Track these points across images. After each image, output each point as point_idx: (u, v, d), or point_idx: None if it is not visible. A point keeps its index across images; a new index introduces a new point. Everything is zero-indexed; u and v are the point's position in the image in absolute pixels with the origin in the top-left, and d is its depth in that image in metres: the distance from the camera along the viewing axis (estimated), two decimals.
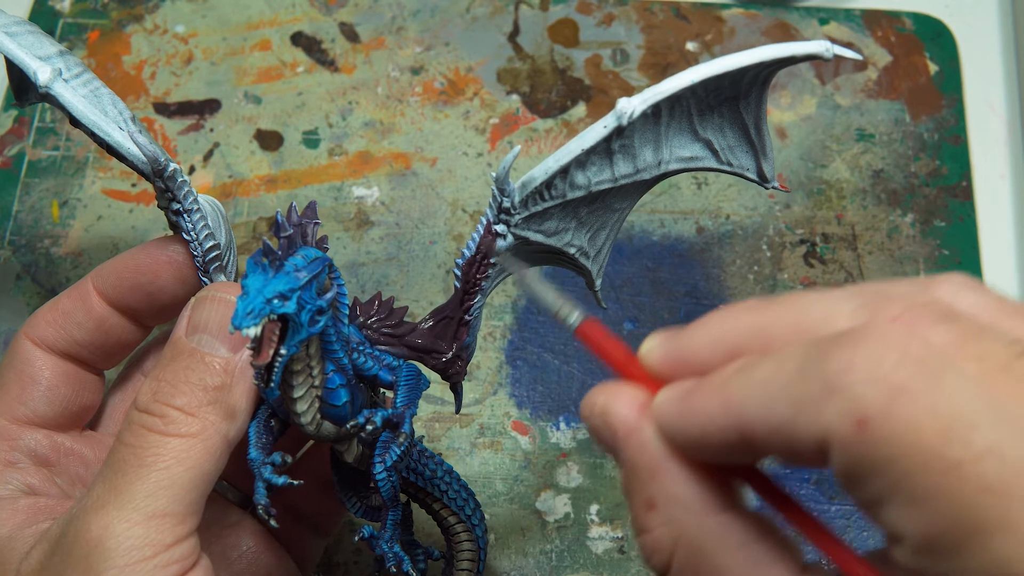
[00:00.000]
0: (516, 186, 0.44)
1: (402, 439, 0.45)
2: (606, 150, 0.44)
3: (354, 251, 0.71)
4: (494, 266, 0.46)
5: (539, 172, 0.44)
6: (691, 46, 0.78)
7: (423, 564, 0.52)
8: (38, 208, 0.72)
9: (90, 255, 0.71)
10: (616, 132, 0.43)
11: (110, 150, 0.45)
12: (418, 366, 0.48)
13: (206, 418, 0.42)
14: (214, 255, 0.47)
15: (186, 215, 0.46)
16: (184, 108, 0.76)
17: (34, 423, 0.47)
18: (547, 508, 0.64)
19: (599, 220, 0.47)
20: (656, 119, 0.44)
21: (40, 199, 0.73)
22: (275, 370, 0.40)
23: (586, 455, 0.65)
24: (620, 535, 0.63)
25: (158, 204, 0.46)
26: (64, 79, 0.45)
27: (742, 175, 0.48)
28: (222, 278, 0.48)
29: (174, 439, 0.41)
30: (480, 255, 0.46)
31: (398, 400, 0.46)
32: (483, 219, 0.46)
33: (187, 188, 0.45)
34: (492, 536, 0.62)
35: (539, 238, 0.46)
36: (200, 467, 0.41)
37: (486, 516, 0.60)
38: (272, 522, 0.44)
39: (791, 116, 0.76)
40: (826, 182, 0.73)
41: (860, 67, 0.78)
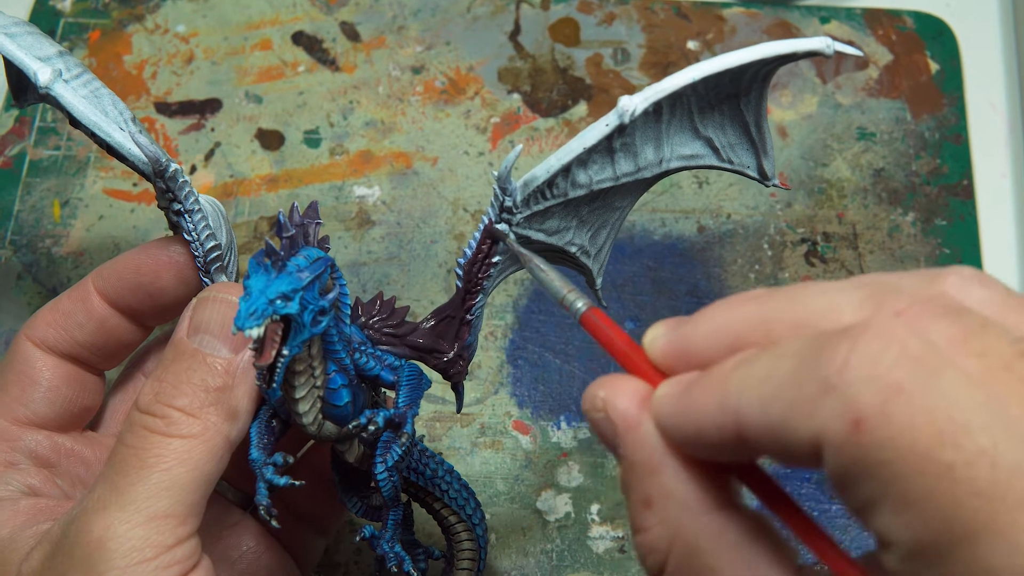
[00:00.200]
0: (518, 185, 0.44)
1: (404, 439, 0.45)
2: (607, 148, 0.44)
3: (355, 250, 0.71)
4: (496, 265, 0.46)
5: (541, 171, 0.44)
6: (692, 45, 0.78)
7: (423, 564, 0.52)
8: (39, 208, 0.72)
9: (91, 255, 0.71)
10: (618, 130, 0.43)
11: (110, 151, 0.45)
12: (420, 366, 0.48)
13: (208, 419, 0.42)
14: (215, 255, 0.47)
15: (187, 215, 0.46)
16: (185, 108, 0.76)
17: (35, 424, 0.47)
18: (548, 507, 0.64)
19: (600, 218, 0.47)
20: (657, 117, 0.44)
21: (41, 199, 0.73)
22: (277, 371, 0.40)
23: (587, 454, 0.65)
24: (621, 535, 0.63)
25: (159, 204, 0.46)
26: (64, 80, 0.45)
27: (743, 173, 0.47)
28: (223, 278, 0.47)
29: (176, 440, 0.41)
30: (482, 254, 0.46)
31: (400, 400, 0.46)
32: (484, 218, 0.46)
33: (188, 188, 0.45)
34: (493, 536, 0.62)
35: (540, 237, 0.46)
36: (201, 468, 0.41)
37: (487, 515, 0.60)
38: (274, 523, 0.44)
39: (792, 115, 0.76)
40: (827, 181, 0.73)
41: (861, 66, 0.78)
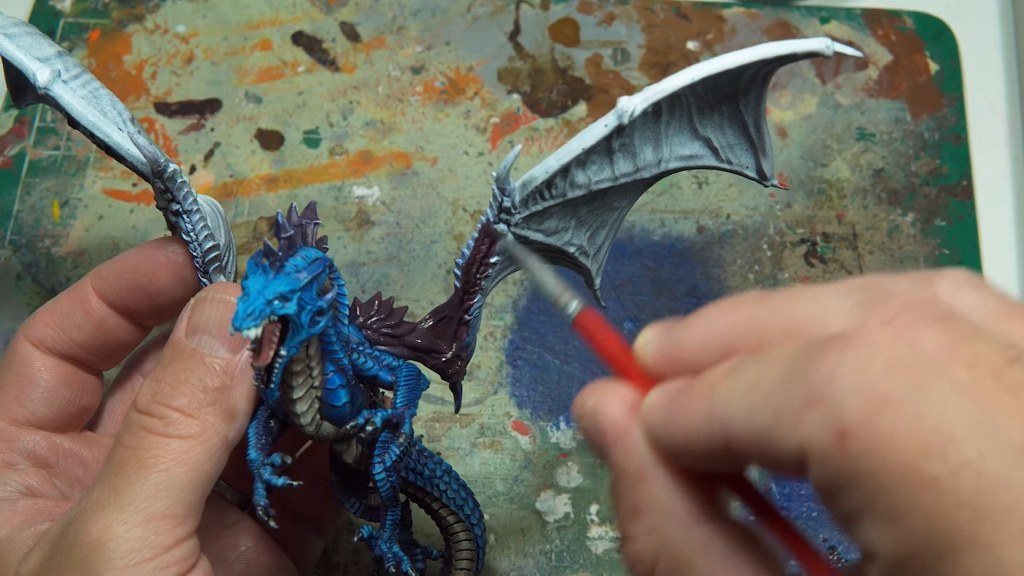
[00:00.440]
0: (517, 185, 0.44)
1: (402, 439, 0.45)
2: (606, 149, 0.44)
3: (354, 251, 0.71)
4: (494, 265, 0.46)
5: (539, 171, 0.44)
6: (692, 45, 0.78)
7: (422, 564, 0.52)
8: (39, 208, 0.72)
9: (91, 255, 0.71)
10: (616, 131, 0.43)
11: (109, 151, 0.45)
12: (418, 366, 0.47)
13: (206, 419, 0.42)
14: (213, 256, 0.47)
15: (185, 216, 0.46)
16: (185, 108, 0.76)
17: (33, 424, 0.47)
18: (547, 508, 0.63)
19: (599, 219, 0.47)
20: (656, 117, 0.44)
21: (41, 199, 0.73)
22: (275, 371, 0.40)
23: (586, 455, 0.65)
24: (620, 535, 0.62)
25: (157, 205, 0.46)
26: (63, 80, 0.45)
27: (741, 173, 0.47)
28: (221, 279, 0.47)
29: (174, 440, 0.41)
30: (480, 254, 0.46)
31: (398, 400, 0.46)
32: (483, 218, 0.46)
33: (187, 189, 0.45)
34: (492, 536, 0.62)
35: (539, 237, 0.46)
36: (200, 468, 0.41)
37: (486, 516, 0.60)
38: (272, 523, 0.44)
39: (791, 115, 0.76)
40: (827, 181, 0.73)
41: (861, 66, 0.78)
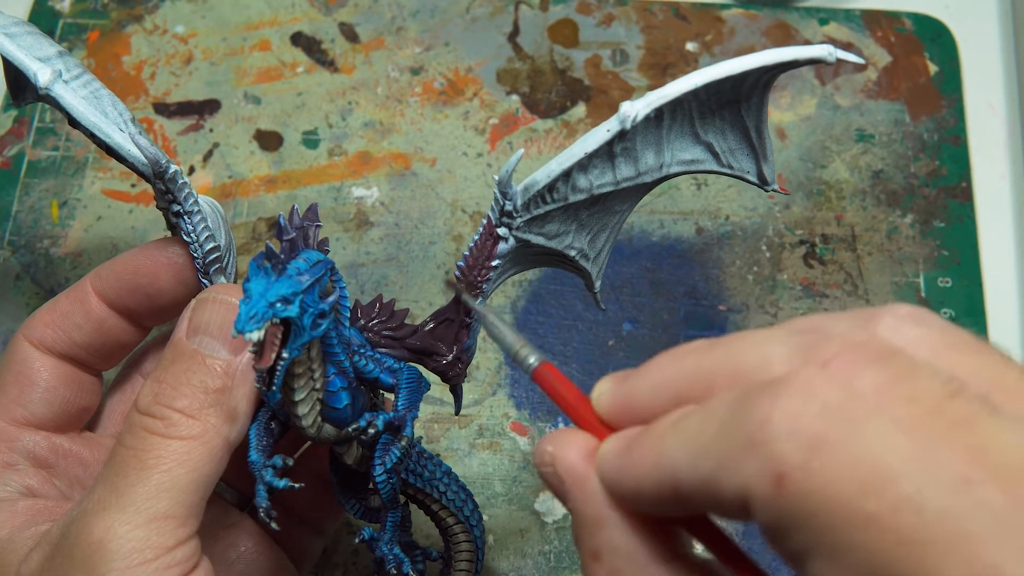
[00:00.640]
0: (519, 189, 0.44)
1: (403, 442, 0.45)
2: (608, 153, 0.44)
3: (353, 252, 0.71)
4: (495, 268, 0.46)
5: (541, 175, 0.44)
6: (691, 46, 0.78)
7: (422, 565, 0.52)
8: (38, 208, 0.72)
9: (90, 255, 0.71)
10: (619, 135, 0.43)
11: (110, 151, 0.45)
12: (419, 368, 0.48)
13: (207, 420, 0.42)
14: (214, 257, 0.47)
15: (186, 217, 0.46)
16: (184, 108, 0.76)
17: (32, 425, 0.47)
18: (546, 509, 0.64)
19: (599, 222, 0.47)
20: (658, 122, 0.44)
21: (40, 199, 0.73)
22: (277, 373, 0.40)
23: None
24: None
25: (157, 205, 0.46)
26: (64, 80, 0.45)
27: (742, 178, 0.47)
28: (222, 280, 0.47)
29: (175, 441, 0.41)
30: (482, 257, 0.46)
31: (399, 403, 0.46)
32: (484, 221, 0.46)
33: (188, 190, 0.45)
34: (491, 537, 0.62)
35: (540, 241, 0.46)
36: (201, 469, 0.41)
37: (485, 517, 0.60)
38: (273, 525, 0.44)
39: (791, 116, 0.76)
40: (826, 183, 0.73)
41: (860, 67, 0.78)
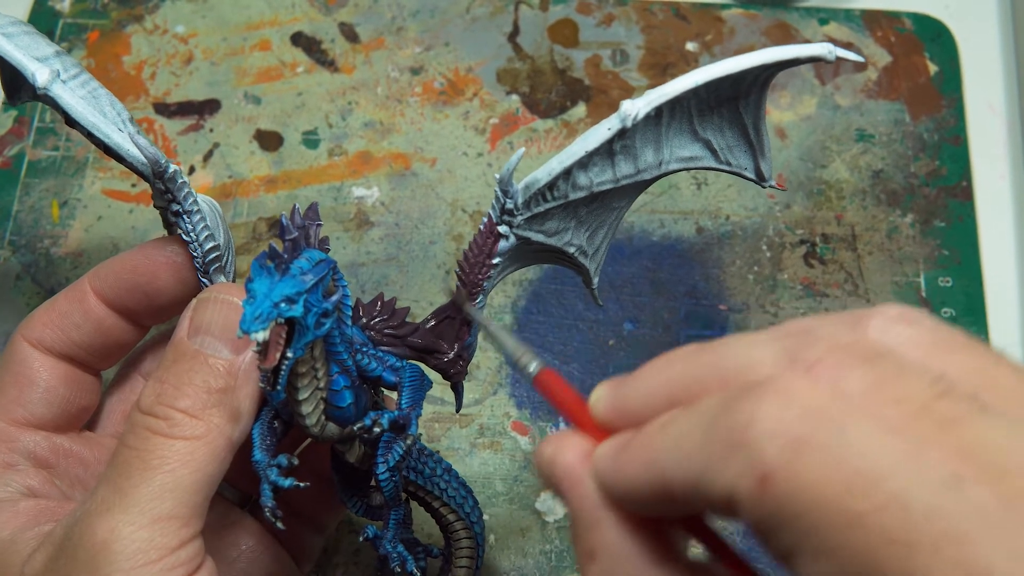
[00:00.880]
0: (520, 187, 0.44)
1: (409, 441, 0.45)
2: (608, 151, 0.44)
3: (354, 251, 0.71)
4: (496, 266, 0.46)
5: (542, 174, 0.44)
6: (691, 46, 0.78)
7: (423, 562, 0.52)
8: (38, 208, 0.72)
9: (90, 255, 0.71)
10: (619, 134, 0.43)
11: (108, 151, 0.45)
12: (421, 367, 0.48)
13: (210, 420, 0.42)
14: (214, 256, 0.47)
15: (186, 216, 0.46)
16: (184, 108, 0.76)
17: (32, 425, 0.47)
18: (547, 508, 0.64)
19: (598, 219, 0.47)
20: (657, 120, 0.44)
21: (40, 199, 0.73)
22: (282, 373, 0.40)
23: None
24: None
25: (155, 204, 0.46)
26: (62, 80, 0.45)
27: (740, 174, 0.48)
28: (222, 279, 0.47)
29: (179, 442, 0.41)
30: (483, 255, 0.46)
31: (403, 402, 0.46)
32: (484, 219, 0.46)
33: (187, 190, 0.45)
34: (492, 536, 0.62)
35: (540, 238, 0.46)
36: (204, 469, 0.41)
37: (486, 516, 0.60)
38: (279, 524, 0.44)
39: (791, 116, 0.76)
40: (826, 182, 0.73)
41: (860, 67, 0.78)
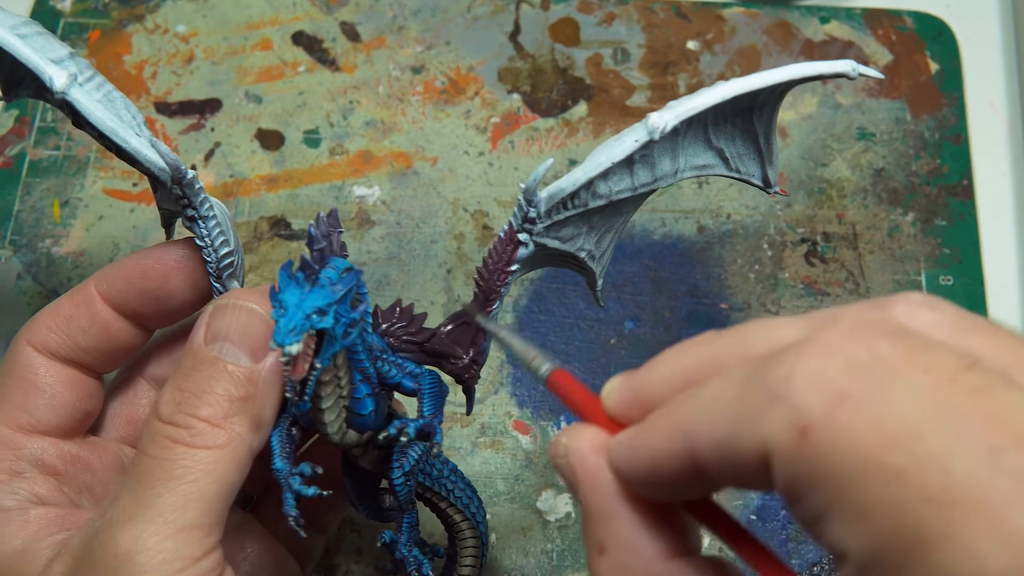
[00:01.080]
0: (543, 196, 0.44)
1: (436, 449, 0.45)
2: (627, 160, 0.44)
3: (355, 251, 0.71)
4: (514, 273, 0.46)
5: (567, 183, 0.44)
6: (692, 45, 0.78)
7: (432, 563, 0.53)
8: (39, 208, 0.72)
9: (91, 255, 0.71)
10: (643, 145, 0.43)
11: (121, 154, 0.44)
12: (437, 372, 0.48)
13: (232, 429, 0.41)
14: (228, 262, 0.46)
15: (201, 222, 0.45)
16: (185, 107, 0.76)
17: (38, 431, 0.47)
18: (548, 507, 0.64)
19: (607, 223, 0.48)
20: (675, 130, 0.44)
21: (41, 199, 0.72)
22: (309, 383, 0.40)
23: None
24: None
25: (159, 205, 0.46)
26: (79, 83, 0.44)
27: (748, 181, 0.48)
28: (235, 284, 0.47)
29: (201, 451, 0.41)
30: (502, 262, 0.46)
31: (425, 409, 0.46)
32: (505, 227, 0.46)
33: (204, 195, 0.45)
34: (493, 535, 0.62)
35: (556, 244, 0.46)
36: (227, 479, 0.41)
37: (487, 515, 0.60)
38: (301, 533, 0.43)
39: (792, 115, 0.76)
40: (827, 181, 0.74)
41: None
